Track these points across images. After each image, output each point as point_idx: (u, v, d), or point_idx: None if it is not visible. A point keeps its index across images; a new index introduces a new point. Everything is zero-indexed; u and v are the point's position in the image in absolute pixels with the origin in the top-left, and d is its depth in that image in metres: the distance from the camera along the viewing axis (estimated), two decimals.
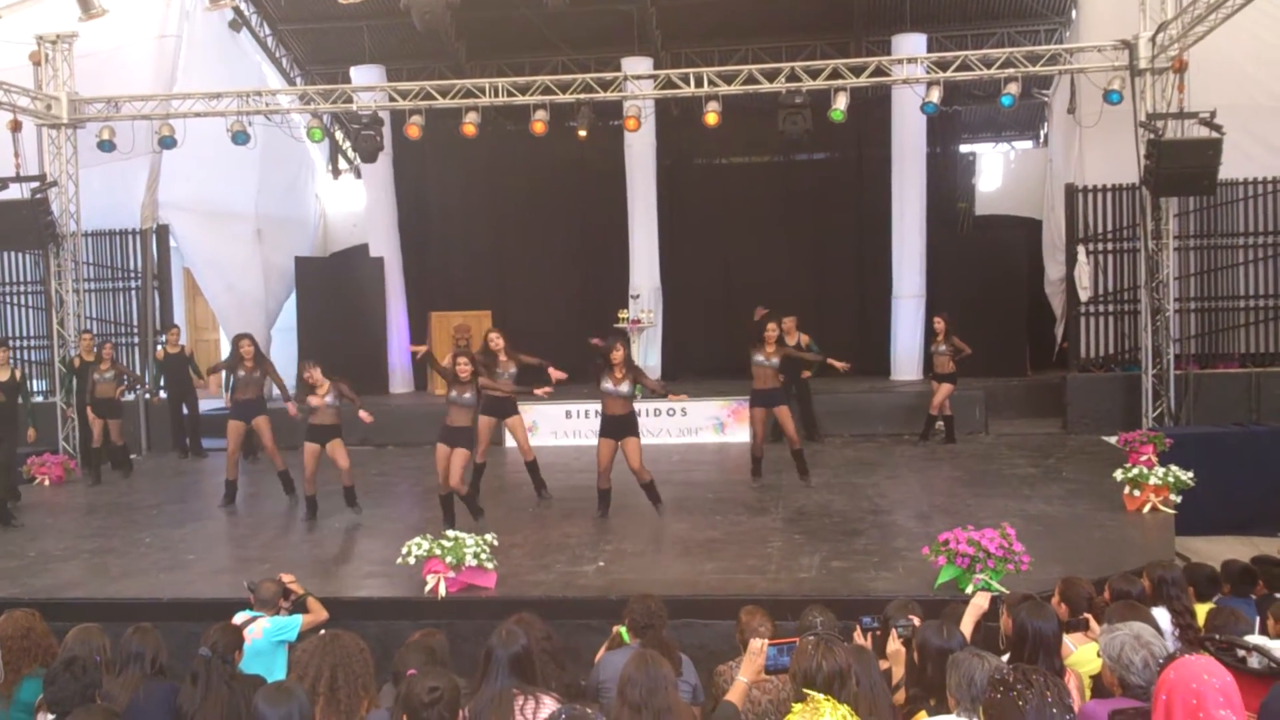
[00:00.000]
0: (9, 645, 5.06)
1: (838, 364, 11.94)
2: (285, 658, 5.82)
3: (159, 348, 14.72)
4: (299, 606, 6.47)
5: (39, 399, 15.22)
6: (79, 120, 14.61)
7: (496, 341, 10.80)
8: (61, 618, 6.39)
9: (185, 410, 14.69)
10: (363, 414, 10.49)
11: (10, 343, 15.76)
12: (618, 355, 9.81)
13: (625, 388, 9.85)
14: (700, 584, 7.92)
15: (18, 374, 12.35)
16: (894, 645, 4.57)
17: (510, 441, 14.54)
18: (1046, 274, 15.68)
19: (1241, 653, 4.10)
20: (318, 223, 19.50)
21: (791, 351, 11.63)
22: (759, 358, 10.96)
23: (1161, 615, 5.16)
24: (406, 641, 5.07)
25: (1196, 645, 4.47)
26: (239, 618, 5.99)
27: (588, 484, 10.92)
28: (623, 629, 5.75)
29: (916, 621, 4.87)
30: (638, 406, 14.33)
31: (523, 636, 4.45)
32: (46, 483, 13.05)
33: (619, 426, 9.90)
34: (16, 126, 14.06)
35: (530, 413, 14.44)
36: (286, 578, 6.56)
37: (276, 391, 12.51)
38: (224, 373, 14.65)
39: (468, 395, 9.58)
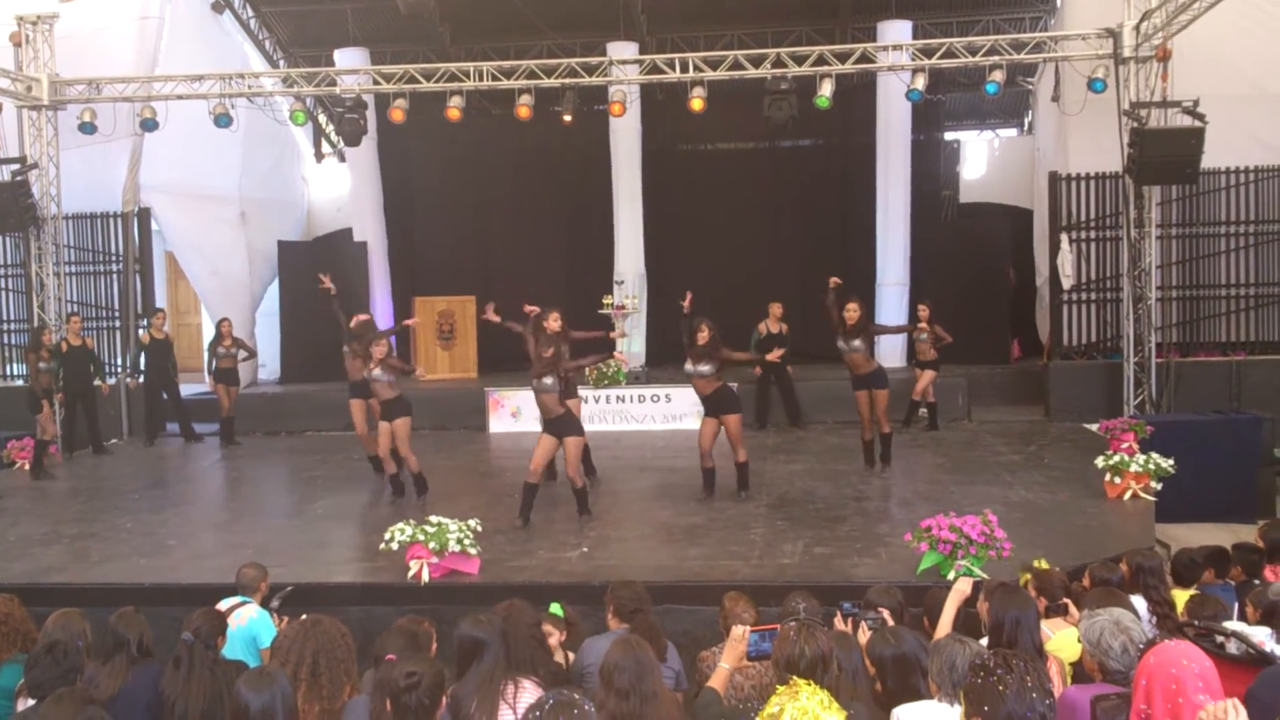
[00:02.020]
0: None
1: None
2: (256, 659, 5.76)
3: (142, 331, 14.60)
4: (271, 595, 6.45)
5: (19, 383, 15.12)
6: (60, 102, 14.47)
7: (555, 323, 10.45)
8: (42, 603, 6.36)
9: (165, 397, 14.53)
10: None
11: None
12: (702, 336, 9.79)
13: (706, 367, 9.82)
14: (683, 570, 7.94)
15: None
16: (863, 637, 4.58)
17: (494, 426, 14.69)
18: (1038, 262, 15.72)
19: (1220, 638, 4.13)
20: (305, 205, 19.39)
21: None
22: (856, 343, 10.85)
23: (1139, 603, 5.19)
24: (391, 627, 5.07)
25: (1175, 631, 4.51)
26: (225, 604, 5.96)
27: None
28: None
29: (886, 615, 4.88)
30: (622, 391, 14.54)
31: (499, 622, 4.45)
32: (26, 467, 12.93)
33: (715, 404, 9.95)
34: None
35: (514, 398, 14.48)
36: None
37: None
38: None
39: (549, 380, 9.25)
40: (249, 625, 5.93)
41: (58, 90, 14.44)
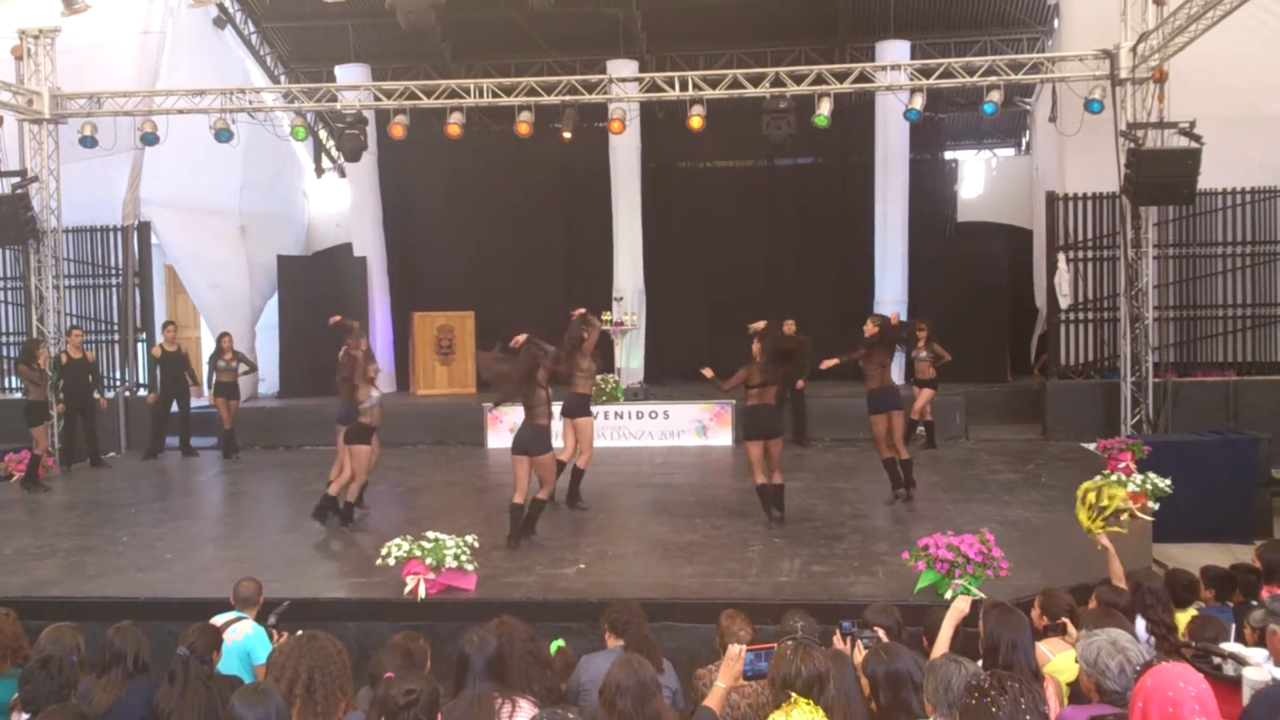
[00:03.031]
0: None
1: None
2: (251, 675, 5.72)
3: (156, 344, 14.62)
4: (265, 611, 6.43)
5: (17, 395, 15.11)
6: (61, 116, 14.51)
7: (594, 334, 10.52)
8: (38, 616, 6.35)
9: (175, 409, 14.50)
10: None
11: None
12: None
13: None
14: (680, 587, 7.92)
15: None
16: (858, 657, 4.57)
17: (493, 442, 14.66)
18: (1038, 282, 15.76)
19: (1217, 660, 4.13)
20: (305, 220, 19.44)
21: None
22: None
23: (1138, 623, 5.19)
24: (385, 644, 5.05)
25: (1173, 653, 4.51)
26: (220, 619, 5.94)
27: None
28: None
29: (882, 634, 4.88)
30: (621, 408, 14.53)
31: (494, 640, 4.44)
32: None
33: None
34: None
35: (512, 414, 14.43)
36: None
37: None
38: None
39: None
40: (244, 641, 5.92)
41: (59, 104, 14.48)
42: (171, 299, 18.30)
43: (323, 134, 20.38)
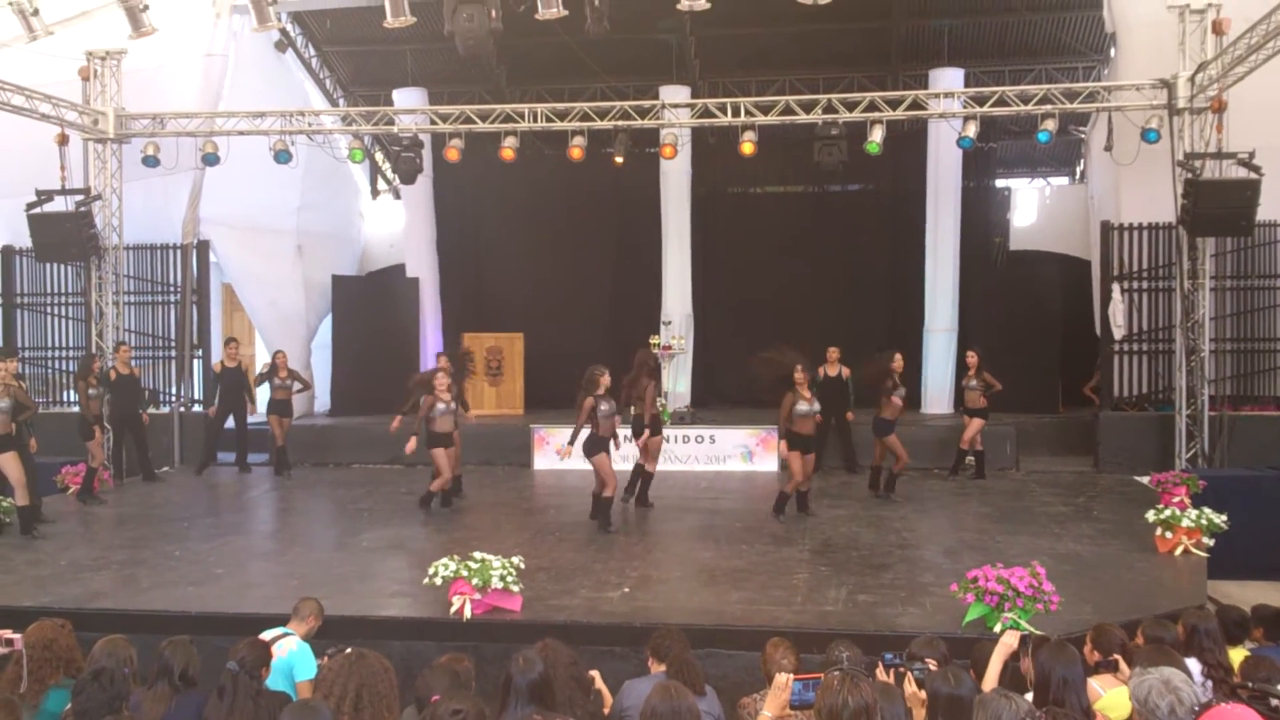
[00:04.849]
0: (32, 655, 5.12)
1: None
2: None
3: (217, 360, 14.87)
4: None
5: (75, 409, 15.42)
6: (125, 136, 14.86)
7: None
8: (90, 628, 6.45)
9: (232, 424, 14.72)
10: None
11: (50, 353, 16.11)
12: (800, 375, 10.81)
13: (816, 405, 10.95)
14: (725, 614, 7.89)
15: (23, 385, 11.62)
16: (910, 689, 4.53)
17: (539, 464, 14.76)
18: (1098, 312, 15.57)
19: (1275, 701, 4.05)
20: (361, 241, 19.71)
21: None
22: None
23: (1194, 665, 5.09)
24: (431, 665, 5.08)
25: (1230, 694, 4.42)
26: (268, 634, 6.00)
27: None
28: None
29: (933, 665, 4.84)
30: (667, 432, 14.49)
31: (540, 664, 4.46)
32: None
33: (814, 442, 11.15)
34: (64, 140, 14.31)
35: (559, 436, 14.48)
36: None
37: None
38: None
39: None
40: (288, 657, 5.95)
41: (123, 124, 14.83)
42: (228, 316, 18.61)
43: (379, 156, 20.69)
